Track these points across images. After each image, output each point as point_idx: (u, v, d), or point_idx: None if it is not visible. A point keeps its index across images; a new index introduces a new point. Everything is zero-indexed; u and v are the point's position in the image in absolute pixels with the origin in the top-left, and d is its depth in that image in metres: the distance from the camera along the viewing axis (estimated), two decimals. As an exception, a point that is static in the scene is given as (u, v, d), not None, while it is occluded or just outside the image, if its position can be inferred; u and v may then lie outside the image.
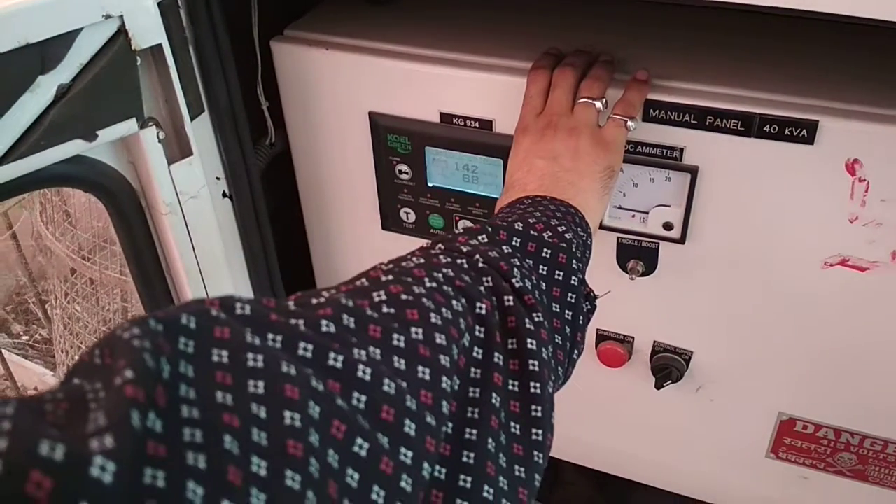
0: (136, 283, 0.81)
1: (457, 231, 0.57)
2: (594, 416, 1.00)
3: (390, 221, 0.91)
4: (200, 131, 0.79)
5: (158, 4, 0.68)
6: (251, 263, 0.90)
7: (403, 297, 0.41)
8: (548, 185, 0.65)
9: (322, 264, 1.02)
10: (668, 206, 0.78)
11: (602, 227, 0.82)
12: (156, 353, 0.27)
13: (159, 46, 0.67)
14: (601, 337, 0.91)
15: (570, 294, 0.55)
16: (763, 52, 0.77)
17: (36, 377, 2.44)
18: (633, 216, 0.80)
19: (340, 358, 0.34)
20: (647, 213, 0.79)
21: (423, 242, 0.91)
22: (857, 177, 0.70)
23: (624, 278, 0.84)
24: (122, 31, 0.64)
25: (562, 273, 0.55)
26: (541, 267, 0.54)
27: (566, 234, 0.57)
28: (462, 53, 0.80)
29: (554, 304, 0.53)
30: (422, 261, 0.47)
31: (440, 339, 0.40)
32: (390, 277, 0.43)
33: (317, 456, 0.29)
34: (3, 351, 2.32)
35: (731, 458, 0.95)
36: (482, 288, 0.47)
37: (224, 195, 0.85)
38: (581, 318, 0.55)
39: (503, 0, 0.75)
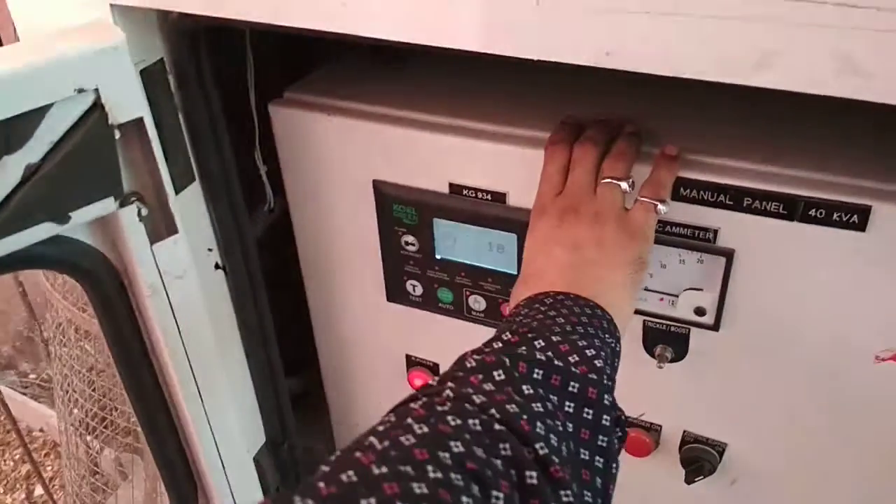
0: (118, 365, 0.75)
1: (470, 362, 0.48)
2: None
3: (396, 294, 0.85)
4: (191, 201, 0.73)
5: (141, 72, 0.62)
6: (246, 339, 0.84)
7: None
8: (570, 279, 0.58)
9: (324, 335, 0.96)
10: (700, 289, 0.71)
11: (627, 309, 0.74)
12: None
13: (140, 120, 0.61)
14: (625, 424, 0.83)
15: (601, 437, 0.47)
16: (808, 127, 0.69)
17: (42, 419, 2.39)
18: (662, 299, 0.73)
19: None
20: (676, 296, 0.72)
21: (432, 318, 0.85)
22: (915, 266, 0.62)
23: (650, 363, 0.77)
24: (97, 105, 0.58)
25: (591, 411, 0.47)
26: (567, 404, 0.47)
27: (596, 361, 0.49)
28: (473, 121, 0.73)
29: (583, 451, 0.46)
30: (425, 429, 0.39)
31: None
32: (384, 470, 0.36)
33: None
34: (7, 389, 2.27)
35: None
36: (499, 462, 0.39)
37: (216, 267, 0.79)
38: (614, 465, 0.48)
39: (517, 66, 0.69)
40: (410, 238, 0.79)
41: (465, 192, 0.74)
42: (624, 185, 0.62)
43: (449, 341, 0.86)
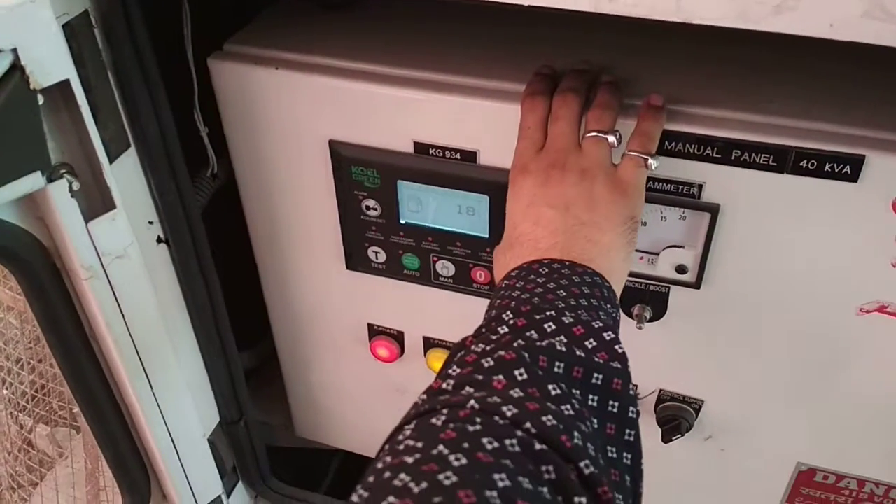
0: (55, 354, 0.67)
1: (487, 361, 0.43)
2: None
3: (356, 261, 0.79)
4: (127, 170, 0.66)
5: (64, 26, 0.54)
6: (196, 316, 0.78)
7: None
8: (563, 243, 0.54)
9: (278, 306, 0.89)
10: (682, 247, 0.68)
11: (604, 269, 0.71)
12: None
13: (66, 82, 0.54)
14: (599, 384, 0.81)
15: (627, 431, 0.43)
16: (799, 73, 0.66)
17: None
18: (641, 258, 0.69)
19: None
20: (657, 254, 0.69)
21: (396, 285, 0.80)
22: (905, 217, 0.60)
23: (627, 323, 0.74)
24: (16, 68, 0.50)
25: (616, 404, 0.43)
26: (591, 398, 0.43)
27: (616, 347, 0.45)
28: (439, 73, 0.67)
29: (610, 448, 0.42)
30: (463, 461, 0.34)
31: None
32: None
33: None
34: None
35: (740, 507, 0.87)
36: (545, 489, 0.35)
37: (159, 240, 0.72)
38: (642, 460, 0.44)
39: (485, 9, 0.63)
40: (372, 202, 0.73)
41: (431, 151, 0.69)
42: (611, 138, 0.58)
43: (415, 308, 0.82)
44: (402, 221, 0.74)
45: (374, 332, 0.86)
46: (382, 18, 0.76)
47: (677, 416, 0.79)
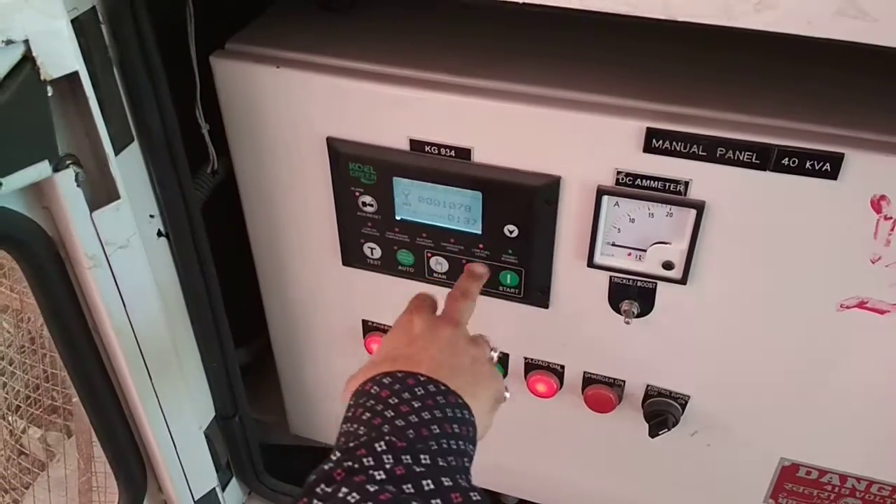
0: (57, 344, 0.69)
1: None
2: (582, 460, 0.92)
3: (352, 257, 0.81)
4: (129, 164, 0.68)
5: (73, 21, 0.56)
6: (193, 310, 0.79)
7: None
8: (440, 366, 0.57)
9: (274, 303, 0.91)
10: (669, 243, 0.70)
11: (594, 265, 0.73)
12: None
13: (75, 74, 0.56)
14: (588, 380, 0.82)
15: None
16: (781, 75, 0.68)
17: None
18: (629, 254, 0.72)
19: None
20: (644, 250, 0.71)
21: (390, 281, 0.81)
22: (883, 214, 0.62)
23: (615, 319, 0.75)
24: (28, 59, 0.52)
25: None
26: None
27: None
28: (435, 72, 0.69)
29: None
30: None
31: None
32: None
33: None
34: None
35: (725, 503, 0.88)
36: None
37: (159, 234, 0.74)
38: None
39: (479, 10, 0.65)
40: (368, 198, 0.75)
41: (426, 148, 0.71)
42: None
43: (409, 304, 0.84)
44: (398, 218, 0.76)
45: (369, 328, 0.88)
46: (381, 19, 0.78)
47: (664, 411, 0.80)
